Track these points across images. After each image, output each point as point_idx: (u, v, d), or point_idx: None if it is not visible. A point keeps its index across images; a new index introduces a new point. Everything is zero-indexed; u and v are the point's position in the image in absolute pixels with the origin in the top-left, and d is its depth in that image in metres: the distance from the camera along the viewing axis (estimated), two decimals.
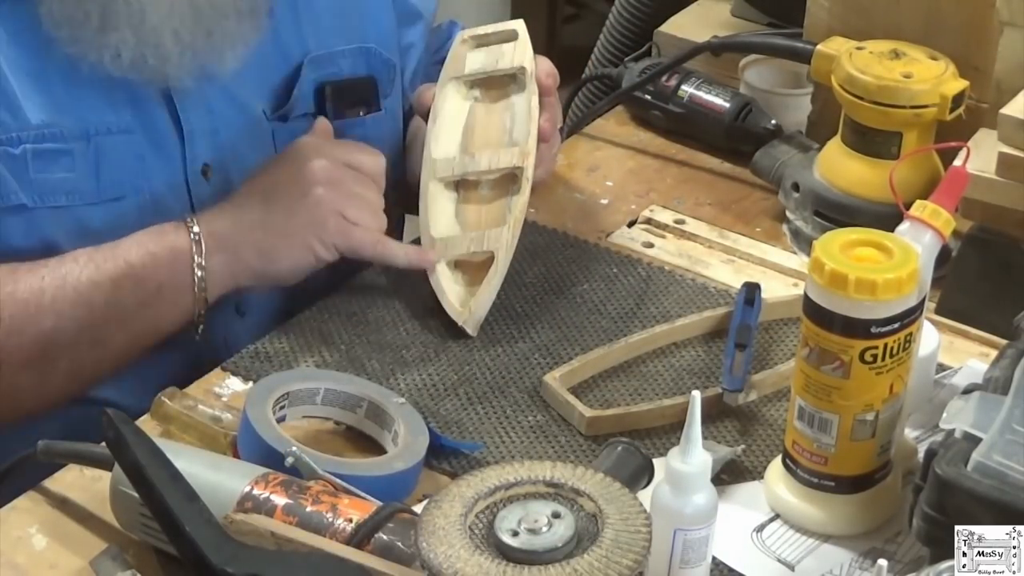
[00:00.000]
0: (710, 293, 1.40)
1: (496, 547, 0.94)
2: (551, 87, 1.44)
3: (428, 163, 1.41)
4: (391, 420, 1.20)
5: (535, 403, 1.26)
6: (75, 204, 1.31)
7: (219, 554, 0.99)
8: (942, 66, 1.39)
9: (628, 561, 0.92)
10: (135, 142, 1.32)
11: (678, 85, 1.64)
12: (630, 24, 1.97)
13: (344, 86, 1.46)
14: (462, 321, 1.33)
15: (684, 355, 1.32)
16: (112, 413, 1.05)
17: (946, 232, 1.13)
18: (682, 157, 1.63)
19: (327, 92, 1.44)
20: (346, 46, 1.46)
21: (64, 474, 1.17)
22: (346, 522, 1.03)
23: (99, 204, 1.32)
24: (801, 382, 1.10)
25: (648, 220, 1.51)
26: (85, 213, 1.31)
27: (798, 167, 1.48)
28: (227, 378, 1.29)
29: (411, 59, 1.56)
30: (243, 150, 1.39)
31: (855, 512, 1.13)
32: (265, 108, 1.41)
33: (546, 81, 1.43)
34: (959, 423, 1.02)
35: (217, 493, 1.05)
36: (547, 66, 1.45)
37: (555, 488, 0.98)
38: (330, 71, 1.45)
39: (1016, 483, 0.97)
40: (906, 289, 1.06)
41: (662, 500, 1.02)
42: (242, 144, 1.39)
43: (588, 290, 1.40)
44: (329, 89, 1.44)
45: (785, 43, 1.55)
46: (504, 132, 1.40)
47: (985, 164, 1.32)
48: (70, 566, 1.10)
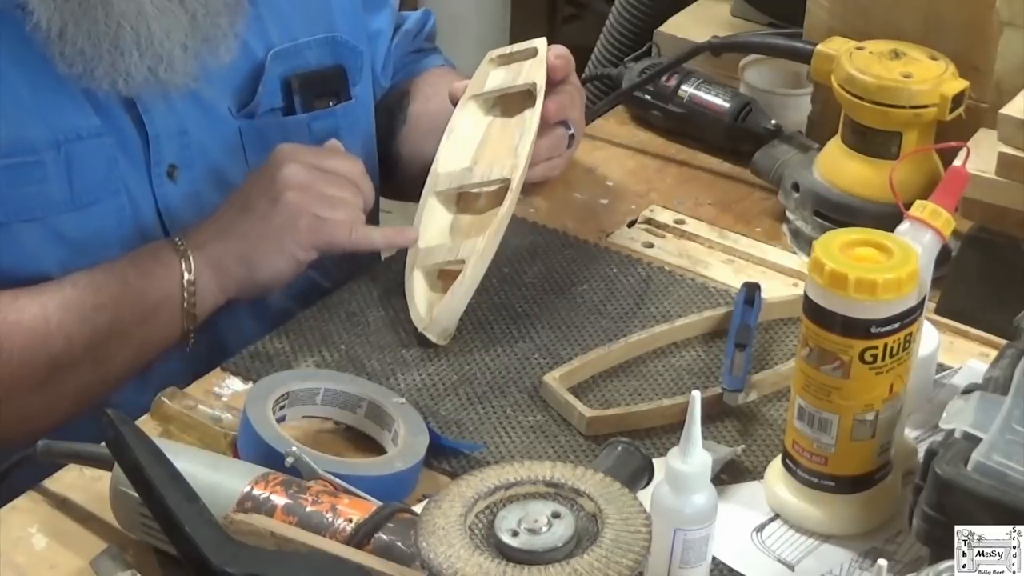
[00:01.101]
0: (710, 293, 1.40)
1: (496, 547, 0.94)
2: (560, 67, 1.42)
3: (432, 175, 1.41)
4: (391, 420, 1.20)
5: (535, 403, 1.26)
6: (50, 215, 1.31)
7: (219, 554, 0.99)
8: (942, 66, 1.39)
9: (628, 561, 0.92)
10: (106, 144, 1.32)
11: (678, 85, 1.64)
12: (630, 24, 1.97)
13: (312, 77, 1.45)
14: (423, 327, 1.31)
15: (684, 355, 1.32)
16: (112, 413, 1.05)
17: (946, 232, 1.13)
18: (682, 157, 1.63)
19: (294, 85, 1.44)
20: (310, 37, 1.45)
21: (64, 474, 1.17)
22: (346, 522, 1.03)
23: (74, 211, 1.31)
24: (801, 382, 1.10)
25: (648, 220, 1.51)
26: (60, 223, 1.31)
27: (798, 167, 1.48)
28: (227, 378, 1.29)
29: (380, 45, 1.56)
30: (210, 150, 1.39)
31: (855, 512, 1.13)
32: (231, 106, 1.40)
33: (555, 62, 1.42)
34: (959, 423, 1.02)
35: (217, 493, 1.05)
36: (559, 48, 1.44)
37: (555, 488, 0.98)
38: (296, 64, 1.44)
39: (1016, 483, 0.97)
40: (906, 289, 1.06)
41: (662, 500, 1.02)
42: (208, 144, 1.39)
43: (588, 290, 1.40)
44: (296, 81, 1.44)
45: (785, 43, 1.55)
46: (511, 147, 1.40)
47: (985, 164, 1.32)
48: (70, 566, 1.10)
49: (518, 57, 1.46)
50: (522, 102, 1.43)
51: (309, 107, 1.45)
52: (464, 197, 1.40)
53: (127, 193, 1.34)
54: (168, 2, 1.30)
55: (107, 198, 1.33)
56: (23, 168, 1.29)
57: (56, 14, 1.26)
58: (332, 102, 1.47)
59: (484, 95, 1.45)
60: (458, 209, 1.40)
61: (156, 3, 1.29)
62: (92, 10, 1.27)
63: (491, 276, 1.40)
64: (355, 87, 1.49)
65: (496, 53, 1.47)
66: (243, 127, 1.41)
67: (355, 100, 1.49)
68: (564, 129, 1.47)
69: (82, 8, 1.26)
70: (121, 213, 1.34)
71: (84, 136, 1.31)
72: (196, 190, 1.38)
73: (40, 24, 1.25)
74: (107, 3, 1.27)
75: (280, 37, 1.43)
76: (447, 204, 1.40)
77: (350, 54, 1.48)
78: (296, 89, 1.44)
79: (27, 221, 1.30)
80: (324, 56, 1.46)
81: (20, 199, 1.29)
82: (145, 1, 1.28)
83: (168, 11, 1.30)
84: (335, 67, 1.47)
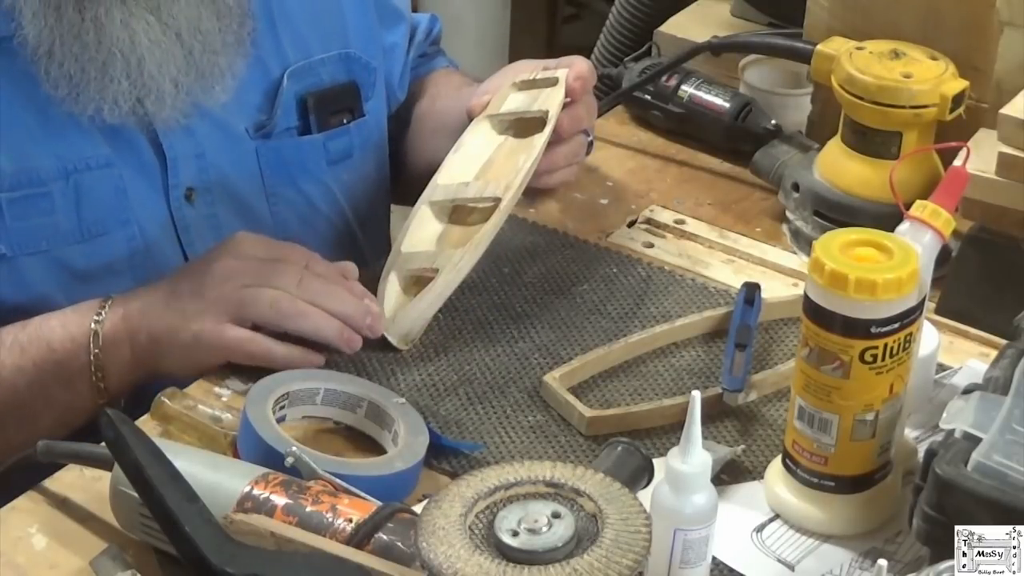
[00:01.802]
0: (710, 293, 1.40)
1: (496, 547, 0.94)
2: (577, 89, 1.42)
3: (431, 185, 1.41)
4: (391, 420, 1.20)
5: (535, 403, 1.26)
6: (57, 247, 1.30)
7: (219, 554, 0.99)
8: (942, 66, 1.39)
9: (628, 561, 0.92)
10: (115, 175, 1.32)
11: (678, 85, 1.64)
12: (630, 24, 1.97)
13: (326, 95, 1.45)
14: (383, 328, 1.30)
15: (684, 355, 1.32)
16: (112, 413, 1.05)
17: (946, 232, 1.13)
18: (682, 157, 1.63)
19: (309, 103, 1.44)
20: (325, 54, 1.45)
21: (64, 474, 1.17)
22: (346, 522, 1.03)
23: (82, 243, 1.31)
24: (801, 382, 1.10)
25: (648, 220, 1.51)
26: (68, 254, 1.31)
27: (798, 167, 1.48)
28: (227, 378, 1.28)
29: (396, 60, 1.56)
30: (227, 171, 1.39)
31: (855, 512, 1.13)
32: (248, 127, 1.40)
33: (573, 84, 1.41)
34: (959, 423, 1.02)
35: (217, 493, 1.05)
36: (581, 68, 1.43)
37: (555, 488, 0.98)
38: (311, 81, 1.44)
39: (1016, 483, 0.97)
40: (906, 289, 1.06)
41: (662, 500, 1.02)
42: (226, 165, 1.39)
43: (588, 290, 1.40)
44: (311, 100, 1.44)
45: (785, 43, 1.55)
46: (515, 169, 1.40)
47: (985, 164, 1.32)
48: (70, 566, 1.10)
49: (540, 84, 1.47)
50: (534, 128, 1.44)
51: (324, 125, 1.45)
52: (458, 210, 1.40)
53: (137, 223, 1.33)
54: (163, 35, 1.29)
55: (116, 228, 1.33)
56: (30, 200, 1.29)
57: (46, 31, 1.25)
58: (346, 119, 1.47)
59: (499, 116, 1.46)
60: (450, 220, 1.40)
61: (151, 35, 1.28)
62: (84, 34, 1.26)
63: (491, 276, 1.41)
64: (367, 102, 1.49)
65: (520, 78, 1.48)
66: (260, 148, 1.41)
67: (368, 116, 1.49)
68: (584, 136, 1.48)
69: (74, 31, 1.25)
70: (132, 243, 1.34)
71: (93, 167, 1.31)
72: (214, 212, 1.38)
73: (28, 40, 1.25)
74: (100, 29, 1.26)
75: (296, 55, 1.43)
76: (440, 215, 1.40)
77: (363, 70, 1.48)
78: (311, 108, 1.44)
79: (33, 254, 1.29)
80: (338, 73, 1.46)
81: (26, 231, 1.29)
82: (140, 31, 1.27)
83: (163, 44, 1.29)
84: (348, 83, 1.47)
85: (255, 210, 1.41)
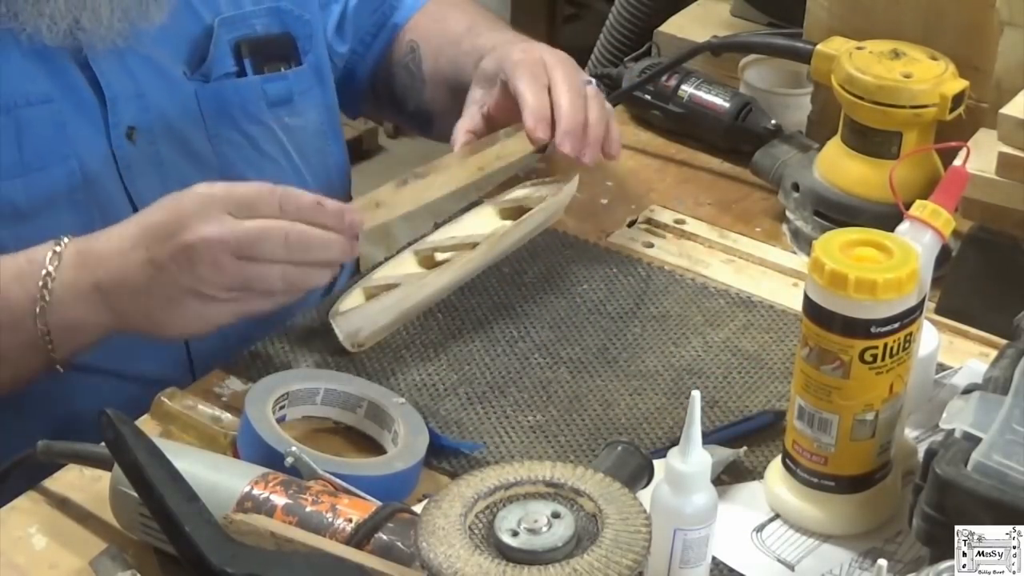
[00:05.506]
0: (710, 293, 1.40)
1: (496, 547, 0.94)
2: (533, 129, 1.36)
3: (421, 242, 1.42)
4: (391, 420, 1.20)
5: (535, 403, 1.26)
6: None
7: (219, 554, 0.99)
8: (942, 66, 1.39)
9: (628, 561, 0.92)
10: (55, 111, 1.32)
11: (678, 85, 1.64)
12: (630, 24, 1.97)
13: (261, 43, 1.46)
14: (330, 317, 1.30)
15: (684, 355, 1.32)
16: (112, 413, 1.05)
17: (946, 232, 1.13)
18: (682, 157, 1.63)
19: (244, 49, 1.45)
20: (256, 6, 1.46)
21: (64, 474, 1.17)
22: (346, 522, 1.03)
23: (22, 176, 1.31)
24: (801, 382, 1.10)
25: (648, 220, 1.51)
26: (8, 189, 1.30)
27: (798, 167, 1.48)
28: (227, 378, 1.29)
29: (332, 13, 1.57)
30: (168, 112, 1.39)
31: (855, 512, 1.13)
32: (184, 69, 1.41)
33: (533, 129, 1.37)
34: (959, 423, 1.02)
35: (217, 493, 1.05)
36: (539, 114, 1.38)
37: (555, 488, 0.98)
38: (243, 30, 1.45)
39: (1016, 483, 0.97)
40: (906, 289, 1.06)
41: (662, 500, 1.02)
42: (166, 106, 1.39)
43: (588, 290, 1.40)
44: (245, 46, 1.45)
45: (785, 43, 1.55)
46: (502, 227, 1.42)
47: (985, 164, 1.32)
48: (70, 566, 1.10)
49: (548, 182, 1.49)
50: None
51: (260, 71, 1.46)
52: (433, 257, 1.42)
53: (78, 158, 1.34)
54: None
55: (56, 163, 1.33)
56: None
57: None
58: (283, 67, 1.48)
59: (501, 202, 1.48)
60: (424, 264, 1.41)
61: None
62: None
63: (491, 276, 1.41)
64: (306, 55, 1.50)
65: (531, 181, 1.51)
66: (199, 90, 1.42)
67: (306, 66, 1.50)
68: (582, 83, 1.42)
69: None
70: (72, 178, 1.33)
71: (33, 102, 1.31)
72: (156, 151, 1.38)
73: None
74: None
75: (227, 4, 1.44)
76: (420, 260, 1.41)
77: (296, 23, 1.50)
78: (246, 54, 1.45)
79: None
80: (272, 24, 1.48)
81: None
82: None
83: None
84: (283, 35, 1.48)
85: (199, 151, 1.42)
